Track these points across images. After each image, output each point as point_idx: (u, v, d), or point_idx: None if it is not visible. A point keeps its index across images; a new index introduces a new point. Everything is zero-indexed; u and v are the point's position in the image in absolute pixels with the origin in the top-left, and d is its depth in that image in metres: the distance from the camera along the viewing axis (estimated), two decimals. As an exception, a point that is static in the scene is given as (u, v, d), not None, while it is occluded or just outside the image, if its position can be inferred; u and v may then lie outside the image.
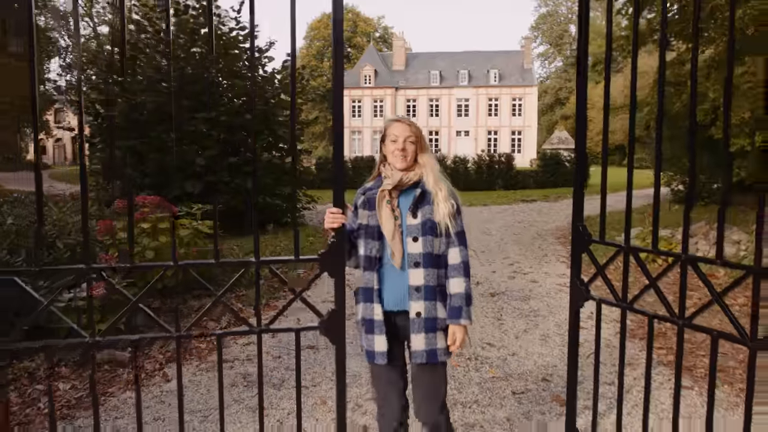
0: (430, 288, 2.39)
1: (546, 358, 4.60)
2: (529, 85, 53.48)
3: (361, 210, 2.53)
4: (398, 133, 2.49)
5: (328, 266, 2.50)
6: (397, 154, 2.47)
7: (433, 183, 2.46)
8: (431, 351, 2.39)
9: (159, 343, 4.84)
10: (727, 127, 2.38)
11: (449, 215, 2.42)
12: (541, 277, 7.65)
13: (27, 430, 3.36)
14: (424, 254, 2.39)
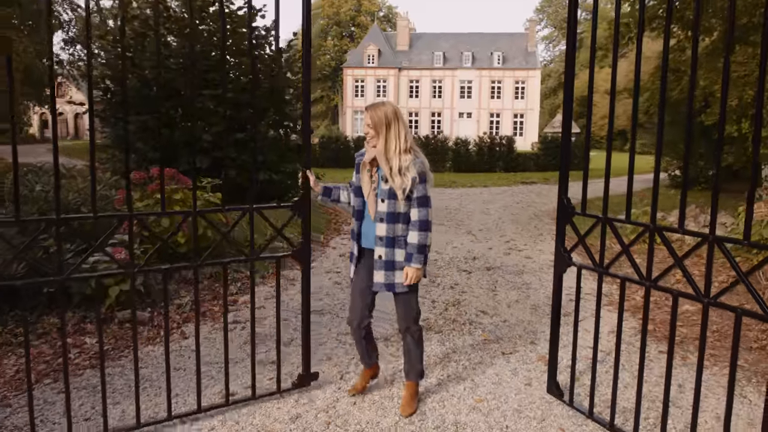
0: (389, 238, 3.15)
1: (535, 325, 4.95)
2: (532, 68, 53.43)
3: (355, 172, 3.31)
4: (365, 120, 3.21)
5: (299, 210, 3.53)
6: (365, 129, 3.20)
7: (383, 157, 3.10)
8: (389, 284, 3.19)
9: (176, 305, 5.20)
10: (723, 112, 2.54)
11: (400, 188, 3.07)
12: (536, 253, 8.00)
13: (59, 377, 3.70)
14: (387, 213, 3.13)
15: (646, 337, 2.95)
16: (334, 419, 3.25)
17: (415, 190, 3.09)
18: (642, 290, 5.57)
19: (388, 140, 3.11)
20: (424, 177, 3.11)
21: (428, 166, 3.18)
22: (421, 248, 3.10)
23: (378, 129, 3.13)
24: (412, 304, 3.30)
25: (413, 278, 3.13)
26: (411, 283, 3.15)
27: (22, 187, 5.47)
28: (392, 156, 3.09)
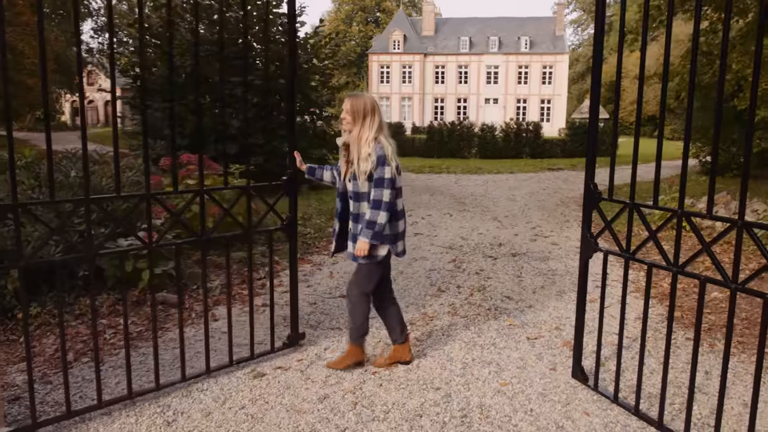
0: (355, 215, 3.52)
1: (560, 310, 4.96)
2: (560, 53, 52.55)
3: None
4: (344, 107, 3.50)
5: (288, 189, 4.03)
6: (342, 121, 3.49)
7: (354, 145, 3.43)
8: (353, 255, 3.51)
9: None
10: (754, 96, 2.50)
11: (362, 172, 3.38)
12: (562, 240, 7.96)
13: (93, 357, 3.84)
14: (352, 192, 3.50)
15: (672, 323, 2.94)
16: (361, 400, 3.33)
17: (374, 173, 3.36)
18: (669, 277, 5.54)
19: (362, 129, 3.41)
20: (383, 160, 3.35)
21: (391, 152, 3.40)
22: (371, 224, 3.37)
23: (356, 117, 3.42)
24: (361, 277, 3.59)
25: (361, 250, 3.41)
26: (361, 255, 3.43)
27: (57, 173, 5.64)
28: (363, 144, 3.39)
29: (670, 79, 15.52)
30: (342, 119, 3.49)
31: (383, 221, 3.37)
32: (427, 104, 55.28)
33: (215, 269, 5.99)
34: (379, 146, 3.37)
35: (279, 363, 3.82)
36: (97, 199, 3.09)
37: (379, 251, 3.48)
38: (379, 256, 3.49)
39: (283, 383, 3.53)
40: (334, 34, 14.79)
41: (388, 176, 3.35)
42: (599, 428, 3.05)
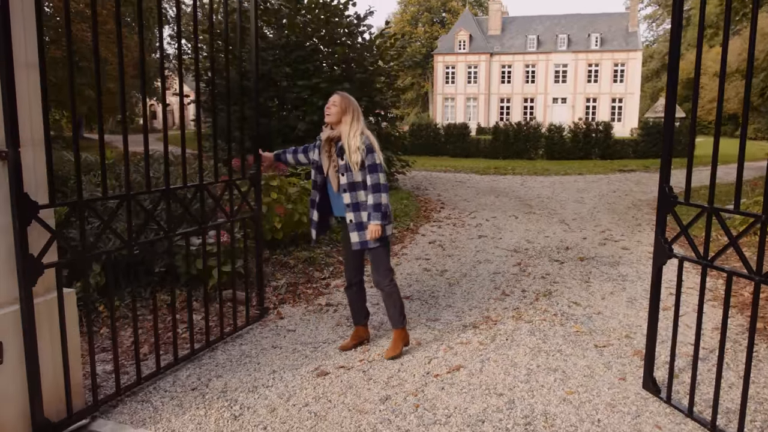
0: (354, 204, 3.73)
1: (631, 318, 4.77)
2: (633, 50, 50.61)
3: (314, 150, 3.95)
4: (330, 100, 3.77)
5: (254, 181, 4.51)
6: (326, 113, 3.73)
7: (345, 139, 3.68)
8: (363, 242, 3.76)
9: (272, 286, 5.45)
10: None
11: (355, 162, 3.64)
12: (633, 244, 7.66)
13: (169, 350, 4.00)
14: (347, 183, 3.71)
15: (754, 334, 2.77)
16: (423, 402, 3.31)
17: (366, 161, 3.64)
18: (750, 285, 5.22)
19: (352, 123, 3.70)
20: (371, 148, 3.67)
21: (374, 140, 3.74)
22: (377, 207, 3.65)
23: (345, 112, 3.71)
24: (382, 259, 3.84)
25: (374, 233, 3.67)
26: (375, 238, 3.69)
27: (135, 174, 5.92)
28: (352, 136, 3.67)
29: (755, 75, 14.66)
30: (327, 111, 3.72)
31: (386, 201, 3.71)
32: (492, 104, 54.54)
33: (281, 268, 6.13)
34: (365, 137, 3.69)
35: (341, 362, 3.86)
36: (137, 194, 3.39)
37: (387, 230, 3.77)
38: (388, 234, 3.80)
39: (345, 383, 3.57)
40: (399, 36, 14.80)
41: (379, 161, 3.69)
42: (672, 443, 2.91)
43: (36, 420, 2.79)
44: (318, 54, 12.08)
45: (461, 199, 12.37)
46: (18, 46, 2.61)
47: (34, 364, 2.76)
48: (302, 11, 11.98)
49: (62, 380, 2.94)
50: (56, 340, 2.92)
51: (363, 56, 12.41)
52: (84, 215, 3.01)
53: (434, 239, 8.02)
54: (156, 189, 3.60)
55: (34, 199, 2.70)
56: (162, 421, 3.12)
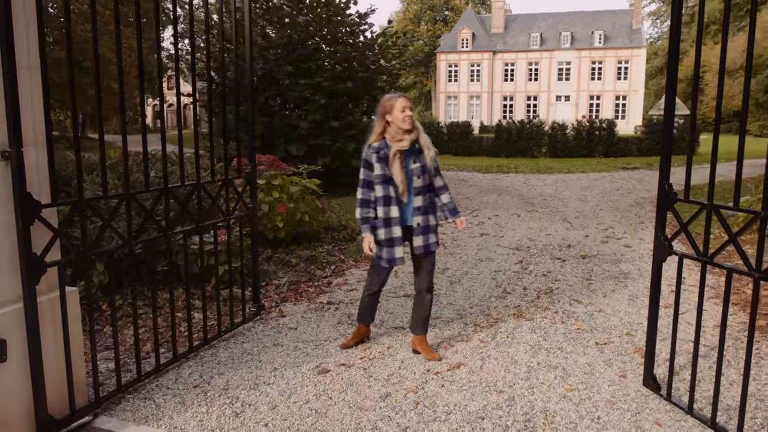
0: (424, 207, 3.72)
1: (632, 316, 4.77)
2: (637, 47, 50.49)
3: (376, 164, 3.65)
4: (406, 105, 3.62)
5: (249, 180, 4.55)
6: (407, 120, 3.59)
7: (423, 140, 3.68)
8: (427, 245, 3.75)
9: (274, 285, 5.47)
10: None
11: (431, 158, 3.69)
12: (636, 242, 7.66)
13: (170, 348, 4.02)
14: (422, 186, 3.70)
15: (753, 332, 2.78)
16: (423, 400, 3.33)
17: (435, 161, 3.76)
18: (752, 283, 5.23)
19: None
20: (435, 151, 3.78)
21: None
22: (453, 202, 3.90)
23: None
24: (433, 263, 3.91)
25: (463, 223, 3.92)
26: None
27: (138, 174, 5.94)
28: (424, 137, 3.72)
29: (760, 72, 14.61)
30: (408, 115, 3.60)
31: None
32: (495, 103, 54.50)
33: (283, 267, 6.15)
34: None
35: (342, 360, 3.88)
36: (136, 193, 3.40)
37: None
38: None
39: (346, 380, 3.58)
40: (401, 34, 14.79)
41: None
42: (671, 439, 2.92)
43: (40, 417, 2.81)
44: (320, 53, 12.10)
45: (463, 197, 12.37)
46: (20, 47, 2.63)
47: (37, 362, 2.78)
48: (304, 10, 12.00)
49: (65, 378, 2.97)
50: (59, 337, 2.95)
51: (365, 55, 12.43)
52: (85, 214, 3.03)
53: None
54: (154, 188, 3.62)
55: (36, 199, 2.73)
56: (164, 418, 3.14)
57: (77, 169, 2.98)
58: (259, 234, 4.91)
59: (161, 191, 3.60)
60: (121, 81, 3.23)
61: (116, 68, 3.29)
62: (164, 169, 3.60)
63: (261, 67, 11.47)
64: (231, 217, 4.33)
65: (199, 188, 3.93)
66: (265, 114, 11.67)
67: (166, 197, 3.61)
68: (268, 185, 6.63)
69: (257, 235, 4.73)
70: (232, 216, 4.36)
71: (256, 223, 4.69)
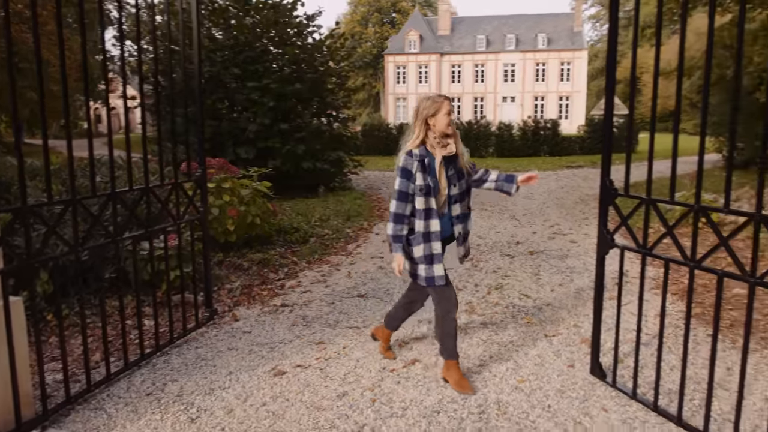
0: (463, 215, 3.50)
1: (579, 308, 4.95)
2: (578, 49, 52.13)
3: (418, 174, 3.28)
4: (451, 108, 3.36)
5: (199, 183, 4.49)
6: (452, 124, 3.33)
7: (459, 145, 3.40)
8: (467, 252, 3.62)
9: (227, 289, 5.41)
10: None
11: (468, 162, 3.50)
12: (581, 237, 7.92)
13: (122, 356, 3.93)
14: (459, 193, 3.44)
15: (690, 319, 2.94)
16: (379, 397, 3.37)
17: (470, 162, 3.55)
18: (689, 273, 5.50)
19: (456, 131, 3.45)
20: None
21: None
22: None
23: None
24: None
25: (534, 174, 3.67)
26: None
27: (83, 179, 5.76)
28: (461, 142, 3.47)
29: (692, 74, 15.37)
30: (450, 121, 3.33)
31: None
32: (444, 104, 55.11)
33: (235, 270, 6.09)
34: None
35: (298, 361, 3.88)
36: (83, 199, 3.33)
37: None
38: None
39: (303, 381, 3.59)
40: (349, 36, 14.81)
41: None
42: (617, 424, 3.06)
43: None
44: (268, 55, 12.00)
45: (415, 197, 12.48)
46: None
47: (-21, 375, 2.68)
48: (251, 12, 11.88)
49: (10, 391, 2.87)
50: (3, 349, 2.85)
51: (313, 57, 12.40)
52: (28, 221, 2.94)
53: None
54: (102, 193, 3.54)
55: (-25, 206, 2.63)
56: (117, 427, 3.08)
57: (19, 174, 2.88)
58: (210, 238, 4.84)
59: (109, 196, 3.53)
60: (65, 83, 3.14)
61: (56, 70, 3.20)
62: (111, 173, 3.52)
63: (208, 69, 11.29)
64: (181, 221, 4.27)
65: (148, 192, 3.86)
66: (213, 117, 11.49)
67: (114, 202, 3.53)
68: (218, 188, 6.55)
69: (208, 239, 4.66)
70: (183, 220, 4.30)
71: (207, 227, 4.62)
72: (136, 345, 4.14)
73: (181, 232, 4.36)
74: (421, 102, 3.38)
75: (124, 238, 3.68)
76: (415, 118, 3.38)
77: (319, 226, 8.51)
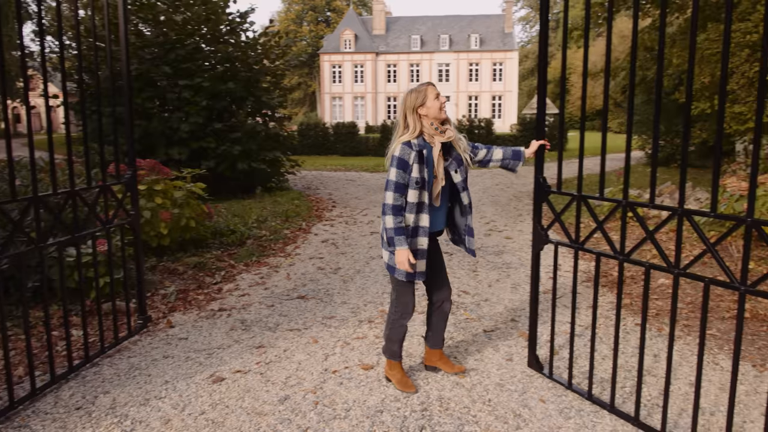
0: (469, 204, 3.35)
1: (515, 303, 5.08)
2: (509, 50, 53.49)
3: (415, 165, 3.11)
4: (437, 90, 3.22)
5: (129, 186, 4.30)
6: (444, 107, 3.20)
7: (454, 130, 3.24)
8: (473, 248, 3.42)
9: (161, 294, 5.23)
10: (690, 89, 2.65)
11: (465, 150, 3.31)
12: (515, 234, 8.13)
13: (47, 369, 3.72)
14: (463, 180, 3.28)
15: (620, 310, 3.06)
16: (322, 399, 3.34)
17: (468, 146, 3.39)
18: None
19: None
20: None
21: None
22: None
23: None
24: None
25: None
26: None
27: (2, 182, 5.43)
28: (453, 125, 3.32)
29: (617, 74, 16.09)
30: (444, 104, 3.22)
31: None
32: (380, 103, 55.42)
33: (170, 275, 5.90)
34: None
35: (238, 366, 3.79)
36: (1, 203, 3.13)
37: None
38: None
39: (242, 386, 3.51)
40: (284, 34, 14.63)
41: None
42: (554, 414, 3.15)
43: None
44: (200, 52, 11.69)
45: (352, 197, 12.49)
46: None
47: None
48: (181, 8, 11.52)
49: None
50: None
51: (247, 55, 12.17)
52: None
53: (327, 238, 8.05)
54: (23, 197, 3.34)
55: None
56: (43, 445, 2.91)
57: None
58: (142, 242, 4.65)
59: (30, 200, 3.33)
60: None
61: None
62: (33, 175, 3.33)
63: (136, 67, 10.88)
64: (111, 226, 4.08)
65: (74, 196, 3.67)
66: (143, 117, 11.09)
67: (36, 206, 3.34)
68: (149, 191, 6.31)
69: (140, 244, 4.48)
70: (112, 224, 4.11)
71: (139, 231, 4.43)
72: (63, 357, 3.94)
73: (110, 236, 4.16)
74: (406, 97, 3.23)
75: (49, 245, 3.49)
76: (404, 113, 3.22)
77: (256, 228, 8.36)
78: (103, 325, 4.07)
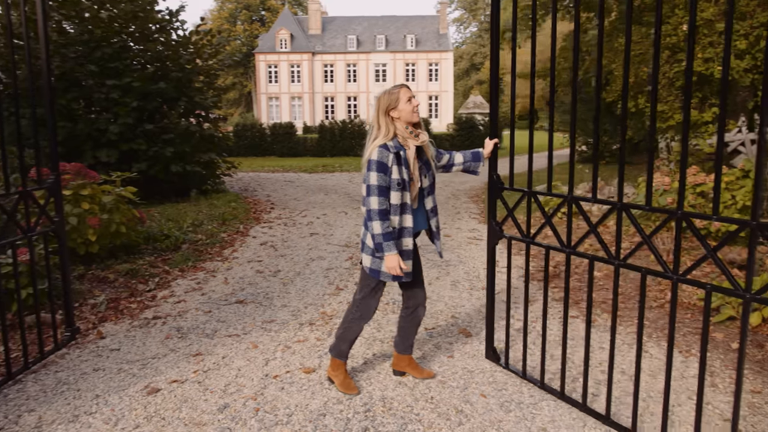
0: (434, 207, 3.36)
1: (455, 300, 5.14)
2: (444, 51, 54.30)
3: (394, 167, 3.07)
4: (411, 93, 3.20)
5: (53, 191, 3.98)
6: (416, 110, 3.20)
7: (424, 134, 3.24)
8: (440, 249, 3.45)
9: (90, 304, 5.00)
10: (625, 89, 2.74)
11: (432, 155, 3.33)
12: (454, 232, 8.24)
13: (-35, 389, 3.49)
14: (430, 185, 3.30)
15: (568, 302, 3.15)
16: (263, 405, 3.27)
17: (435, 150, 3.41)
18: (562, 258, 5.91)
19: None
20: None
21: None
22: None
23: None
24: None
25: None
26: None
27: None
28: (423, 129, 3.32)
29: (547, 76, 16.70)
30: (417, 107, 3.21)
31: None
32: (317, 103, 55.10)
33: (99, 284, 5.64)
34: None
35: (174, 376, 3.66)
36: None
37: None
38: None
39: (179, 397, 3.39)
40: (217, 33, 14.27)
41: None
42: (495, 408, 3.20)
43: None
44: (128, 51, 11.25)
45: (291, 198, 12.34)
46: None
47: None
48: (107, 5, 11.05)
49: None
50: None
51: (178, 54, 11.81)
52: None
53: (266, 240, 7.92)
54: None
55: None
56: (-39, 470, 2.72)
57: None
58: (69, 250, 4.43)
59: None
60: None
61: None
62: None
63: (59, 65, 10.35)
64: (33, 234, 3.85)
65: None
66: (68, 118, 10.57)
67: None
68: (75, 196, 6.02)
69: (66, 252, 4.25)
70: (35, 232, 3.88)
71: (64, 238, 4.21)
72: (-18, 374, 3.69)
73: (33, 245, 3.93)
74: (379, 99, 3.22)
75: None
76: (377, 116, 3.19)
77: (192, 232, 8.12)
78: (27, 339, 3.84)
